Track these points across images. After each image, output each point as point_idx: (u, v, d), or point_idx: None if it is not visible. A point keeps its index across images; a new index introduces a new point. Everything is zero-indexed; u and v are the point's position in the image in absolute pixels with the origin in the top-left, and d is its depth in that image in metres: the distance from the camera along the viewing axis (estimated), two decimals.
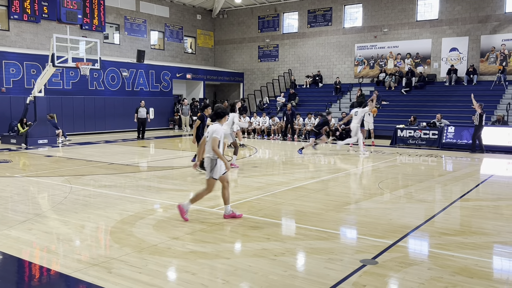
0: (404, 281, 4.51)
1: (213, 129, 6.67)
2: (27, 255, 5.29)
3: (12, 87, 19.79)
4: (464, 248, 5.51)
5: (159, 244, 5.57)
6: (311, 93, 27.16)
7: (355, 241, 5.97)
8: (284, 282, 4.46)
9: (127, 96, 24.33)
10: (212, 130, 6.65)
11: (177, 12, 29.68)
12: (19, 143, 17.09)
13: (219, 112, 6.87)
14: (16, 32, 21.74)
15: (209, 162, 6.67)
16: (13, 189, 9.07)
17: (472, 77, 22.77)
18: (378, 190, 9.20)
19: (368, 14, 26.15)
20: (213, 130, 6.66)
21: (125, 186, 9.37)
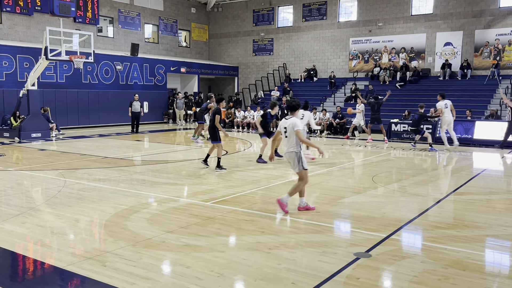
0: (397, 273, 4.55)
1: (292, 123, 6.62)
2: (21, 248, 5.28)
3: (5, 80, 19.63)
4: (457, 241, 5.55)
5: (153, 237, 5.58)
6: (305, 87, 27.15)
7: (349, 234, 6.00)
8: (279, 275, 4.48)
9: (121, 90, 24.21)
10: (292, 124, 6.61)
11: (171, 5, 29.52)
12: (12, 136, 16.99)
13: (294, 105, 6.81)
14: (8, 25, 21.54)
15: (294, 156, 6.65)
16: (7, 182, 9.03)
17: (466, 72, 22.86)
18: (372, 184, 9.24)
19: (363, 8, 26.14)
20: (293, 123, 6.61)
21: (119, 180, 9.35)
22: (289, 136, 6.66)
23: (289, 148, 6.70)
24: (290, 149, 6.69)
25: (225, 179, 9.53)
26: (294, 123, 6.63)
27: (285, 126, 6.71)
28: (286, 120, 6.75)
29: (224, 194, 8.05)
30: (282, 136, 6.83)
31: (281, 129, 6.81)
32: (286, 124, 6.71)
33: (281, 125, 6.81)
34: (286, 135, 6.70)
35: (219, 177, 9.75)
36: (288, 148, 6.72)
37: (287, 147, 6.73)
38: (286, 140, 6.73)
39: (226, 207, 7.08)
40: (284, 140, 6.78)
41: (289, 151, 6.71)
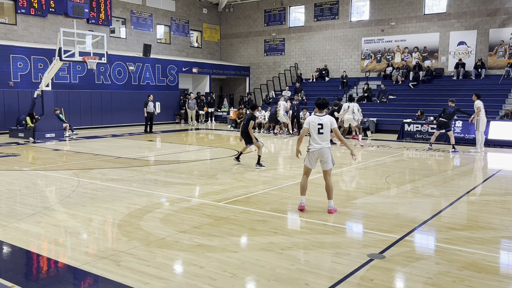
0: (411, 275, 4.51)
1: (329, 120, 6.88)
2: (36, 247, 5.34)
3: (19, 81, 19.88)
4: (472, 243, 5.49)
5: (166, 237, 5.60)
6: (317, 87, 27.06)
7: (362, 235, 5.97)
8: (291, 276, 4.47)
9: (134, 90, 24.39)
10: (330, 121, 6.87)
11: (183, 6, 29.64)
12: (27, 137, 17.20)
13: (324, 103, 7.00)
14: (23, 27, 21.82)
15: (329, 152, 6.89)
16: (22, 182, 9.14)
17: (480, 71, 22.59)
18: (385, 184, 9.18)
19: (375, 7, 25.98)
20: (331, 121, 6.88)
21: (132, 180, 9.41)
22: (325, 133, 6.82)
23: (325, 144, 6.84)
24: (326, 145, 6.85)
25: (237, 179, 9.54)
26: (332, 121, 6.88)
27: (320, 122, 6.83)
28: (320, 117, 6.87)
29: (236, 194, 8.06)
30: (314, 132, 6.86)
31: (313, 126, 6.86)
32: (320, 121, 6.84)
33: (312, 121, 6.88)
34: (322, 131, 6.82)
35: (231, 177, 9.77)
36: (322, 144, 6.83)
37: (321, 144, 6.83)
38: (320, 136, 6.83)
39: (239, 207, 7.09)
40: (318, 136, 6.84)
41: (324, 147, 6.84)
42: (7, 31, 21.23)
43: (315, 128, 6.85)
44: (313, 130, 6.87)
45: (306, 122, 6.97)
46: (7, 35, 21.20)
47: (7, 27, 21.27)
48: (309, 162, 6.98)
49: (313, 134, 6.88)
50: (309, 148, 6.93)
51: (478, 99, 14.49)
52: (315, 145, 6.86)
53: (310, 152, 6.92)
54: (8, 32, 21.26)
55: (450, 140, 14.66)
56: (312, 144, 6.90)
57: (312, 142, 6.91)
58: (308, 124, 6.93)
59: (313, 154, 6.89)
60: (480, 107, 14.37)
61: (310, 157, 6.95)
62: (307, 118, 7.04)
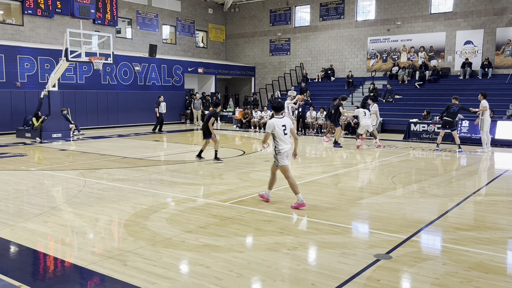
0: (418, 276, 4.49)
1: (289, 121, 7.34)
2: (43, 247, 5.37)
3: (26, 81, 20.00)
4: (479, 243, 5.46)
5: (173, 237, 5.61)
6: (323, 87, 27.02)
7: (368, 235, 5.95)
8: (298, 276, 4.47)
9: (140, 91, 24.47)
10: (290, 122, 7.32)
11: (188, 6, 29.69)
12: (33, 137, 17.30)
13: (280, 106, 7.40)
14: (30, 27, 21.94)
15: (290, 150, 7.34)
16: (29, 182, 9.19)
17: (487, 71, 22.46)
18: (391, 184, 9.15)
19: (381, 7, 25.90)
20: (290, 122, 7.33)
21: (139, 180, 9.44)
22: (288, 133, 7.23)
23: (289, 144, 7.25)
24: (289, 145, 7.26)
25: (243, 179, 9.55)
26: (290, 122, 7.35)
27: (283, 124, 7.18)
28: (281, 119, 7.24)
29: (242, 194, 8.07)
30: (281, 134, 7.12)
31: (278, 128, 7.11)
32: (283, 122, 7.19)
33: (276, 124, 7.11)
34: (286, 132, 7.18)
35: (237, 177, 9.77)
36: (289, 144, 7.24)
37: (288, 144, 7.23)
38: (286, 137, 7.18)
39: (244, 207, 7.09)
40: (284, 137, 7.16)
41: (289, 146, 7.26)
42: (14, 32, 21.37)
43: (281, 130, 7.14)
44: (280, 132, 7.14)
45: (270, 127, 7.16)
46: (14, 36, 21.33)
47: (14, 28, 21.40)
48: (285, 160, 7.24)
49: (280, 136, 7.14)
50: (280, 150, 7.17)
51: (484, 98, 14.39)
52: (284, 145, 7.18)
53: (283, 153, 7.19)
54: (15, 33, 21.39)
55: (455, 140, 14.55)
56: (281, 145, 7.16)
57: (281, 144, 7.16)
58: (272, 129, 7.13)
59: (285, 153, 7.22)
60: (486, 106, 14.28)
61: (283, 156, 7.21)
62: (270, 121, 7.23)
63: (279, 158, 7.20)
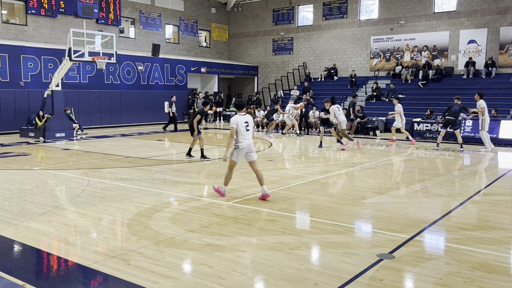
0: (421, 275, 4.48)
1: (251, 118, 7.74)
2: (47, 246, 5.38)
3: (30, 81, 20.06)
4: (483, 243, 5.44)
5: (175, 236, 5.62)
6: (326, 86, 26.99)
7: (371, 235, 5.94)
8: (300, 275, 4.47)
9: (143, 90, 24.50)
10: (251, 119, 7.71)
11: (191, 6, 29.70)
12: (37, 136, 17.35)
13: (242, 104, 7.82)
14: (33, 27, 22.00)
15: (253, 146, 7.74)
16: (32, 181, 9.22)
17: (491, 70, 22.38)
18: (394, 184, 9.13)
19: (384, 6, 25.84)
20: (251, 119, 7.75)
21: (142, 179, 9.46)
22: (251, 129, 7.62)
23: (250, 140, 7.61)
24: (251, 141, 7.62)
25: (246, 178, 9.54)
26: (252, 119, 7.72)
27: (246, 120, 7.56)
28: (244, 116, 7.60)
29: (245, 194, 8.07)
30: (243, 130, 7.47)
31: (241, 125, 7.47)
32: (245, 119, 7.58)
33: (239, 121, 7.47)
34: (248, 128, 7.58)
35: (240, 176, 9.77)
36: (250, 140, 7.61)
37: (249, 140, 7.60)
38: (247, 133, 7.57)
39: (247, 207, 7.09)
40: (246, 133, 7.54)
41: (251, 142, 7.62)
42: (17, 31, 21.43)
43: (243, 126, 7.51)
44: (242, 128, 7.50)
45: (235, 122, 7.49)
46: (18, 35, 21.40)
47: (17, 28, 21.46)
48: (237, 157, 7.57)
49: (242, 132, 7.51)
50: (238, 145, 7.52)
51: (481, 98, 14.36)
52: (244, 141, 7.53)
53: (240, 148, 7.52)
54: (18, 33, 21.45)
55: (457, 139, 14.50)
56: (241, 141, 7.51)
57: (241, 139, 7.51)
58: (236, 124, 7.47)
59: (243, 149, 7.53)
60: (484, 106, 14.24)
61: (239, 152, 7.54)
62: (234, 117, 7.55)
63: (235, 153, 7.57)
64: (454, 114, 14.36)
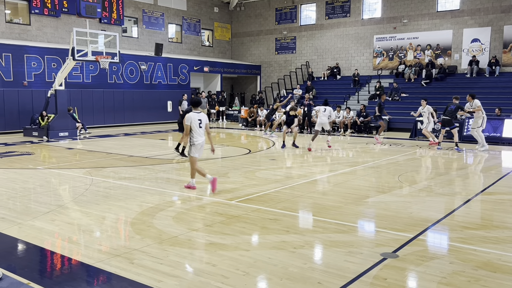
0: (425, 274, 4.47)
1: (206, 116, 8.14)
2: (51, 245, 5.40)
3: (33, 80, 20.11)
4: (487, 242, 5.43)
5: (179, 235, 5.63)
6: (328, 85, 26.96)
7: (375, 234, 5.93)
8: (304, 274, 4.46)
9: (146, 89, 24.53)
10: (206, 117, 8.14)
11: (194, 5, 29.71)
12: (40, 135, 17.40)
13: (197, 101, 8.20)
14: (37, 27, 22.05)
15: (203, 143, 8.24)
16: (36, 181, 9.25)
17: (494, 69, 22.31)
18: (397, 183, 9.12)
19: (387, 5, 25.78)
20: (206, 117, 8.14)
21: (145, 178, 9.47)
22: (204, 127, 8.04)
23: (203, 136, 8.08)
24: (204, 137, 8.08)
25: (249, 177, 9.55)
26: (206, 117, 8.15)
27: (199, 118, 7.98)
28: (198, 114, 8.00)
29: (248, 192, 8.07)
30: (196, 127, 7.92)
31: (194, 122, 7.91)
32: (199, 116, 8.00)
33: (193, 118, 7.92)
34: (201, 126, 8.00)
35: (243, 175, 9.77)
36: (203, 137, 8.08)
37: (203, 136, 8.06)
38: (201, 130, 8.01)
39: (250, 206, 7.09)
40: (199, 130, 7.99)
41: (203, 139, 8.09)
42: (21, 31, 21.49)
43: (197, 123, 7.95)
44: (195, 125, 7.94)
45: (189, 120, 7.91)
46: (21, 35, 21.45)
47: (21, 27, 21.52)
48: (196, 153, 8.07)
49: (196, 129, 7.96)
50: (194, 142, 8.02)
51: (473, 99, 14.22)
52: (199, 138, 8.01)
53: (196, 144, 8.03)
54: (22, 32, 21.51)
55: (454, 137, 14.47)
56: (196, 137, 7.99)
57: (196, 136, 7.99)
58: (190, 121, 7.91)
59: (199, 145, 8.04)
60: (480, 105, 14.18)
61: (196, 148, 8.05)
62: (188, 115, 7.98)
63: (193, 149, 8.04)
64: (450, 113, 14.36)
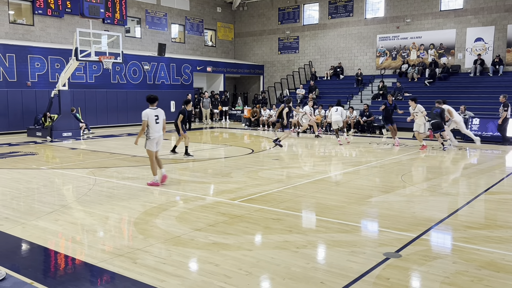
0: (428, 274, 4.46)
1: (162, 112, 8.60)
2: (54, 245, 5.42)
3: (37, 81, 20.18)
4: (490, 242, 5.41)
5: (182, 235, 5.64)
6: (331, 85, 26.93)
7: (377, 234, 5.93)
8: (307, 274, 4.46)
9: (149, 90, 24.53)
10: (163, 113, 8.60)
11: (197, 5, 29.74)
12: (44, 136, 17.46)
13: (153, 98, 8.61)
14: (40, 27, 22.12)
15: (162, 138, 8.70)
16: (40, 181, 9.28)
17: (498, 68, 22.22)
18: (401, 183, 9.10)
19: (390, 4, 25.73)
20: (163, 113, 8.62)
21: (148, 178, 9.47)
22: (161, 122, 8.45)
23: (160, 132, 8.49)
24: (161, 133, 8.51)
25: (252, 177, 9.55)
26: (163, 113, 8.59)
27: (156, 114, 8.42)
28: (155, 110, 8.44)
29: (251, 192, 8.07)
30: (153, 122, 8.33)
31: (151, 118, 8.32)
32: (156, 112, 8.43)
33: (149, 114, 8.34)
34: (158, 121, 8.42)
35: (246, 175, 9.78)
36: (160, 132, 8.49)
37: (159, 132, 8.48)
38: (157, 125, 8.42)
39: (253, 206, 7.10)
40: (156, 125, 8.40)
41: (161, 134, 8.52)
42: (24, 31, 21.56)
43: (153, 119, 8.36)
44: (152, 121, 8.36)
45: (145, 116, 8.33)
46: (25, 35, 21.53)
47: (24, 28, 21.59)
48: (151, 146, 8.47)
49: (153, 125, 8.37)
50: (150, 136, 8.40)
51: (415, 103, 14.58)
52: (155, 133, 8.42)
53: (152, 139, 8.41)
54: (25, 33, 21.58)
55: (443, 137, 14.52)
56: (152, 133, 8.38)
57: (152, 131, 8.38)
58: (147, 117, 8.32)
59: (154, 140, 8.44)
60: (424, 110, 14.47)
61: (151, 143, 8.44)
62: (144, 111, 8.37)
63: (148, 143, 8.43)
64: (437, 116, 14.36)
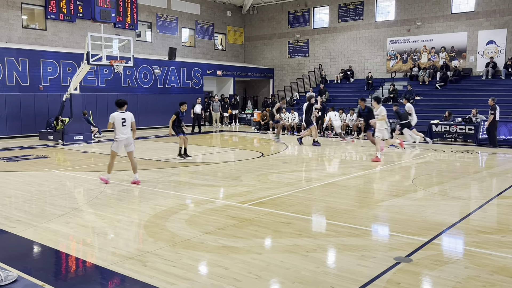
0: (439, 279, 4.42)
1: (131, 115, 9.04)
2: (65, 247, 5.46)
3: (49, 85, 20.40)
4: (503, 247, 5.34)
5: (192, 238, 5.64)
6: (342, 88, 26.86)
7: (388, 238, 5.88)
8: (317, 278, 4.44)
9: (159, 93, 24.71)
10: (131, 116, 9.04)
11: (207, 9, 29.88)
12: (56, 139, 17.63)
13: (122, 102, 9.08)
14: (52, 32, 22.38)
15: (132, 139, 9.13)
16: (51, 184, 9.37)
17: (511, 71, 22.00)
18: (412, 186, 9.03)
19: (401, 7, 25.63)
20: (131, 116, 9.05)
21: (158, 182, 9.53)
22: (127, 125, 8.89)
23: (128, 133, 8.95)
24: (129, 134, 8.97)
25: (261, 181, 9.54)
26: (132, 116, 9.06)
27: (123, 117, 8.87)
28: (123, 113, 8.93)
29: (261, 196, 8.07)
30: (119, 125, 8.81)
31: (117, 121, 8.81)
32: (123, 116, 8.90)
33: (116, 117, 8.84)
34: (125, 124, 8.86)
35: (256, 179, 9.77)
36: (127, 134, 8.93)
37: (126, 134, 8.92)
38: (124, 128, 8.87)
39: (263, 209, 7.09)
40: (123, 128, 8.86)
41: (129, 136, 8.97)
42: (37, 36, 21.83)
43: (120, 122, 8.82)
44: (119, 124, 8.83)
45: (111, 118, 8.84)
46: (38, 40, 21.79)
47: (37, 33, 21.86)
48: (117, 148, 8.91)
49: (119, 127, 8.83)
50: (117, 138, 8.88)
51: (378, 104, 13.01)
52: (121, 135, 8.88)
53: (118, 141, 8.88)
54: (38, 37, 21.85)
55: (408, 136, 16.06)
56: (119, 134, 8.86)
57: (118, 133, 8.85)
58: (113, 120, 8.82)
59: (121, 142, 8.90)
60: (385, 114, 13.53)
61: (118, 144, 8.90)
62: (112, 114, 8.88)
63: (114, 144, 8.90)
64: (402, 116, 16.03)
